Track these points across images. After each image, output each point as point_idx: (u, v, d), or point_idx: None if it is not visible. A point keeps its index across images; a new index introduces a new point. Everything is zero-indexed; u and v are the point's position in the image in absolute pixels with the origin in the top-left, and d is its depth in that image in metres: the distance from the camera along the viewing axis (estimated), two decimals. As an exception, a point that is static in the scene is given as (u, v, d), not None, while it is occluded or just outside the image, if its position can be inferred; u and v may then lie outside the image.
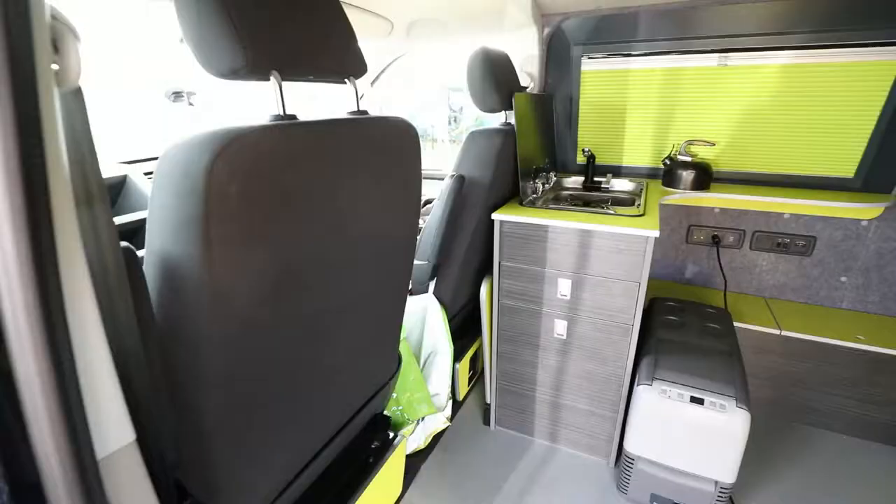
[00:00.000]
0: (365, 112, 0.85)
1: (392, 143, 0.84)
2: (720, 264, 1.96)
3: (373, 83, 2.23)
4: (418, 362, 1.56)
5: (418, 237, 1.47)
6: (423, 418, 1.51)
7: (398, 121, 0.86)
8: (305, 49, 0.70)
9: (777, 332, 1.68)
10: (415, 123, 0.89)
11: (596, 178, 1.88)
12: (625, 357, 1.42)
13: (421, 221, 1.93)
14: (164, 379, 0.59)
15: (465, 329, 1.74)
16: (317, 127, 0.67)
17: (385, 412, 1.37)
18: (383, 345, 1.10)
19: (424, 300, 1.53)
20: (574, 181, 1.94)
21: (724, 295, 1.93)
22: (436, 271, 1.48)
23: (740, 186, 1.83)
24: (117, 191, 1.32)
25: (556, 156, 2.07)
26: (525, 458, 1.65)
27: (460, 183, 1.35)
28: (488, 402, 1.75)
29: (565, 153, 2.08)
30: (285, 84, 0.66)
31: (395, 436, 1.30)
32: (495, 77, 1.43)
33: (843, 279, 1.82)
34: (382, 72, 2.21)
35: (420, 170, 0.96)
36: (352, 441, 1.10)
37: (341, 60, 0.78)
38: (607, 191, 1.86)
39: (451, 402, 1.56)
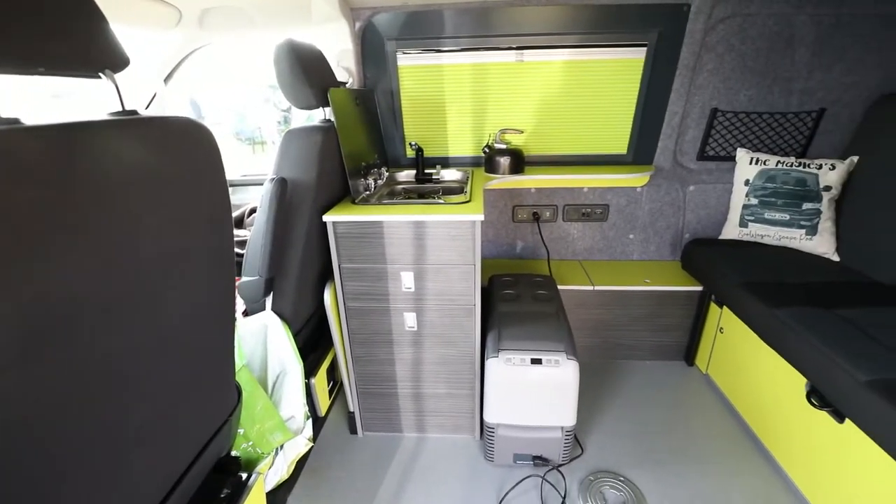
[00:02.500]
0: (134, 112, 0.71)
1: (176, 147, 0.72)
2: (542, 237, 2.23)
3: (166, 80, 1.92)
4: (265, 388, 1.41)
5: (244, 251, 1.32)
6: (280, 447, 1.38)
7: (183, 122, 0.74)
8: (25, 34, 0.54)
9: (591, 287, 1.98)
10: (241, 125, 0.76)
11: (427, 170, 1.94)
12: (472, 336, 1.51)
13: (247, 233, 1.75)
14: None
15: (315, 341, 1.64)
16: (52, 132, 0.53)
17: (233, 452, 1.21)
18: (214, 380, 0.95)
19: (262, 319, 1.39)
20: (407, 175, 1.97)
21: (548, 263, 2.20)
22: (271, 285, 1.35)
23: (549, 168, 2.09)
24: None
25: (385, 151, 2.08)
26: (397, 456, 1.64)
27: (282, 186, 1.24)
28: (352, 410, 1.69)
29: (395, 148, 2.10)
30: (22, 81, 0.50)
31: (250, 475, 1.16)
32: (306, 71, 1.35)
33: (631, 236, 2.23)
34: (177, 67, 1.92)
35: (222, 176, 0.84)
36: (195, 495, 0.94)
37: (87, 50, 0.63)
38: (438, 181, 1.94)
39: (310, 421, 1.46)
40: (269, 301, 1.39)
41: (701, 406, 1.84)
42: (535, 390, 1.44)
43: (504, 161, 1.94)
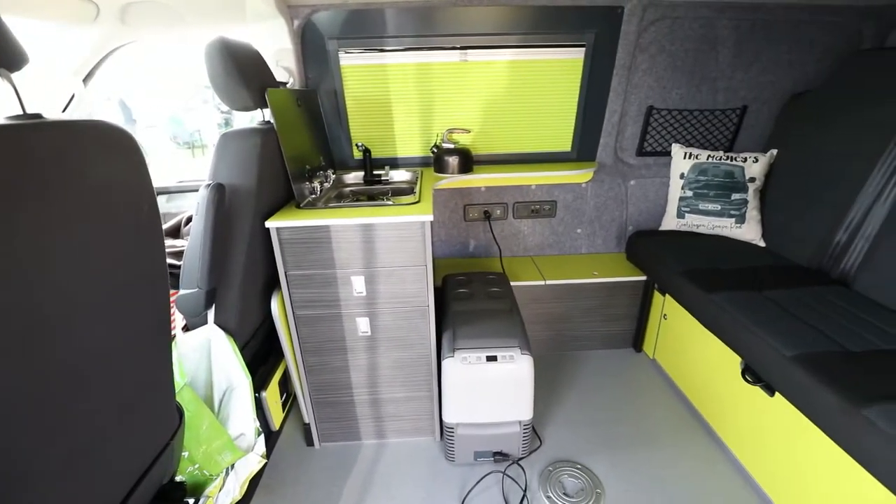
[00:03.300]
0: (37, 116, 0.64)
1: (88, 154, 0.66)
2: (493, 235, 2.25)
3: (86, 80, 1.77)
4: (211, 406, 1.34)
5: (181, 262, 1.24)
6: (231, 466, 1.31)
7: (98, 126, 0.67)
8: None
9: (543, 282, 2.03)
10: (178, 129, 0.71)
11: (375, 172, 1.91)
12: (428, 337, 1.50)
13: (185, 243, 1.64)
14: None
15: (265, 352, 1.57)
16: None
17: (178, 477, 1.13)
18: (150, 402, 0.89)
19: (205, 333, 1.31)
20: (355, 177, 1.93)
21: (501, 261, 2.23)
22: (212, 297, 1.28)
23: (497, 166, 2.12)
24: None
25: (331, 153, 2.03)
26: (357, 465, 1.60)
27: (219, 192, 1.18)
28: (307, 421, 1.63)
29: (341, 149, 2.05)
30: None
31: (198, 500, 1.09)
32: (241, 71, 1.28)
33: (579, 231, 2.30)
34: (98, 66, 1.77)
35: (147, 183, 0.78)
36: None
37: None
38: (388, 182, 1.91)
39: (262, 436, 1.39)
40: (211, 314, 1.31)
41: (649, 390, 1.93)
42: (491, 387, 1.45)
43: (453, 160, 1.94)
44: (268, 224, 1.31)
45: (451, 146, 1.98)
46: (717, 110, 2.06)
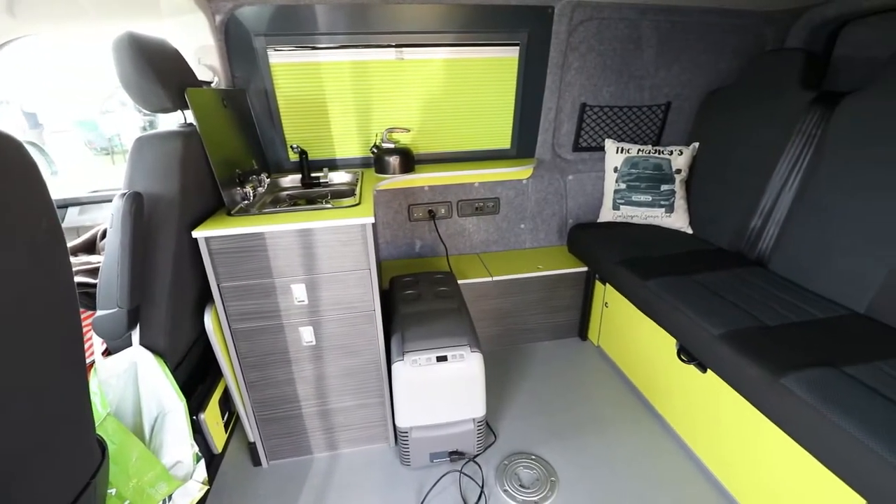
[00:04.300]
0: None
1: None
2: (439, 234, 2.25)
3: (-29, 82, 1.56)
4: (141, 435, 1.23)
5: (97, 280, 1.13)
6: (168, 497, 1.21)
7: None
8: None
9: (490, 279, 2.05)
10: (93, 133, 0.62)
11: (314, 174, 1.84)
12: (376, 342, 1.46)
13: (101, 258, 1.50)
14: None
15: (202, 371, 1.47)
16: None
17: (103, 518, 1.03)
18: (63, 439, 0.79)
19: (130, 356, 1.20)
20: (291, 180, 1.85)
21: (447, 259, 2.23)
22: (135, 317, 1.17)
23: (439, 165, 2.11)
24: None
25: (265, 156, 1.93)
26: (309, 480, 1.54)
27: (135, 202, 1.08)
28: (252, 440, 1.54)
29: (276, 152, 1.96)
30: None
31: (129, 539, 0.99)
32: (156, 69, 1.18)
33: (522, 226, 2.35)
34: (-15, 66, 1.57)
35: (43, 195, 0.69)
36: None
37: None
38: (327, 185, 1.85)
39: (202, 462, 1.30)
40: (135, 335, 1.20)
41: (595, 376, 2.01)
42: (443, 387, 1.44)
43: (393, 160, 1.91)
44: (195, 234, 1.22)
45: (392, 146, 1.95)
46: (644, 106, 2.17)
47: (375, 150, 1.94)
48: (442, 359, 1.41)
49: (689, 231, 2.04)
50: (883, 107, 1.39)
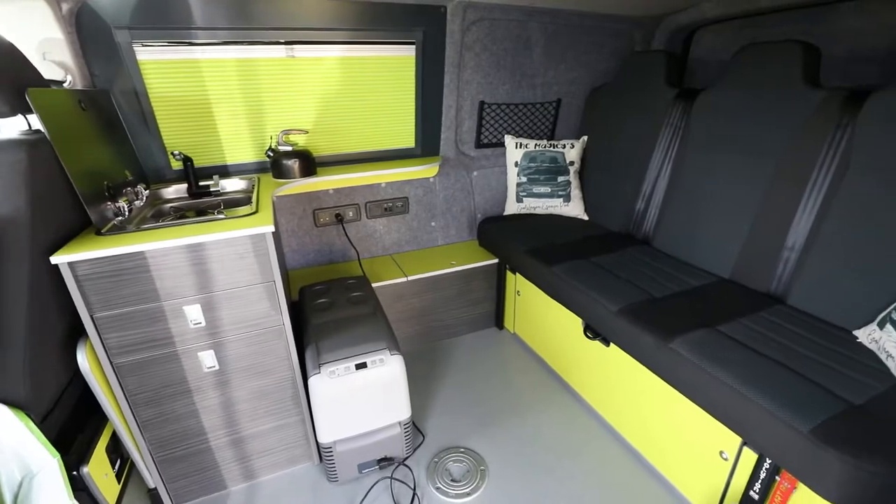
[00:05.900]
0: None
1: None
2: (349, 238, 2.18)
3: None
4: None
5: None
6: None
7: None
8: None
9: (405, 279, 2.03)
10: None
11: (202, 183, 1.67)
12: (288, 358, 1.37)
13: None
14: None
15: (81, 418, 1.26)
16: None
17: None
18: None
19: (-25, 414, 0.99)
20: (176, 190, 1.66)
21: (360, 263, 2.17)
22: (-22, 365, 0.97)
23: (343, 167, 2.04)
24: None
25: (140, 165, 1.71)
26: (224, 518, 1.40)
27: (-34, 228, 0.89)
28: (153, 485, 1.37)
29: (154, 160, 1.74)
30: None
31: None
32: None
33: (433, 224, 2.36)
34: None
35: None
36: None
37: None
38: (219, 194, 1.69)
39: (87, 522, 1.12)
40: (-19, 387, 1.00)
41: (514, 362, 2.10)
42: (365, 395, 1.40)
43: (292, 164, 1.80)
44: (54, 259, 1.04)
45: (289, 148, 1.84)
46: (537, 103, 2.30)
47: (272, 154, 1.82)
48: (361, 366, 1.37)
49: (586, 217, 2.21)
50: (727, 102, 1.62)
